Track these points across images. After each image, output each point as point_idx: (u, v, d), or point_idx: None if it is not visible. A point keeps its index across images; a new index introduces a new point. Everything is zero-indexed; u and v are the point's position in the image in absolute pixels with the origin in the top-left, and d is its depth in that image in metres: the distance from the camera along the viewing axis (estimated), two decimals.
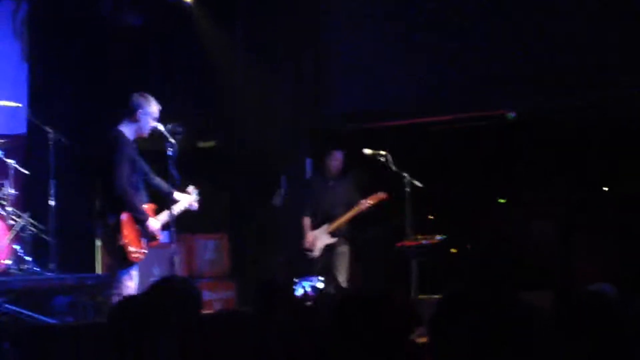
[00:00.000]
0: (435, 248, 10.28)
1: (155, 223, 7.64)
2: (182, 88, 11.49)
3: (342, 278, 9.78)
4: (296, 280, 8.99)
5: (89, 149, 9.08)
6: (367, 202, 9.78)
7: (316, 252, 9.86)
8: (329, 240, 9.90)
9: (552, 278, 10.09)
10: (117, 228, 7.42)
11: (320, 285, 9.12)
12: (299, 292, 8.87)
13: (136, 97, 7.71)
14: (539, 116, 10.27)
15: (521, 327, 3.02)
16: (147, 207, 7.69)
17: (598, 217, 10.74)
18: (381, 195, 9.79)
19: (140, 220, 7.52)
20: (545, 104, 10.01)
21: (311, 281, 9.08)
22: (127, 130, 7.66)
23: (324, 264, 9.81)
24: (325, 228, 9.90)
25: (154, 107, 7.72)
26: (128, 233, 7.44)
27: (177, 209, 7.85)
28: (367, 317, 3.05)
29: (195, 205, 8.07)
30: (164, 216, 7.76)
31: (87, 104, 10.85)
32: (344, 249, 9.91)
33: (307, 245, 9.87)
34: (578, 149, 10.62)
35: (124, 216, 7.44)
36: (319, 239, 9.89)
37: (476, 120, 10.62)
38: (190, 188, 8.05)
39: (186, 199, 7.95)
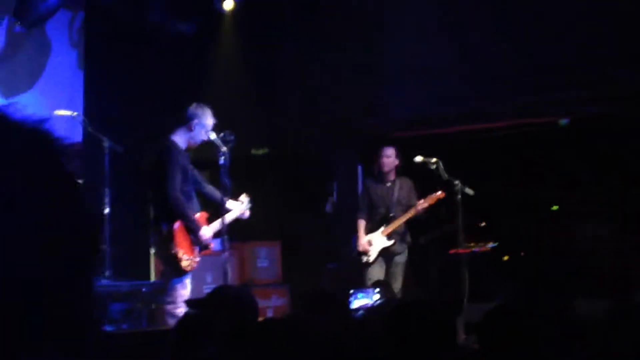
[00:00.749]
0: (487, 255, 10.27)
1: (207, 231, 7.69)
2: (235, 95, 11.56)
3: (398, 287, 9.48)
4: (351, 291, 8.76)
5: (143, 158, 9.18)
6: (424, 203, 9.49)
7: (371, 257, 9.57)
8: (385, 243, 9.60)
9: (608, 285, 9.99)
10: (169, 237, 7.49)
11: (376, 297, 8.84)
12: (355, 304, 8.58)
13: (193, 107, 7.78)
14: (592, 121, 10.18)
15: (573, 334, 3.02)
16: (199, 215, 7.75)
17: None
18: (439, 194, 9.47)
19: (192, 229, 7.58)
20: (599, 109, 9.93)
21: (366, 293, 8.82)
22: (180, 139, 7.73)
23: (380, 272, 9.51)
24: (381, 231, 9.63)
25: (209, 119, 7.78)
26: (180, 242, 7.50)
27: (229, 217, 7.89)
28: (420, 325, 3.07)
29: (247, 214, 8.12)
30: (216, 224, 7.81)
31: (142, 112, 10.98)
32: (402, 259, 9.65)
33: (361, 248, 9.59)
34: (633, 152, 10.51)
35: (177, 225, 7.50)
36: (375, 242, 9.59)
37: (529, 127, 10.56)
38: (243, 196, 8.10)
39: (238, 208, 8.00)
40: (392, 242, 9.58)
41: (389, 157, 9.64)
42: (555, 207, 11.73)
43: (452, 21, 10.71)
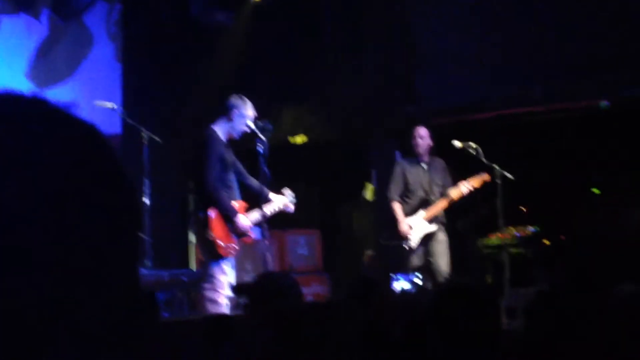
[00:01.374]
0: (528, 240, 10.20)
1: (244, 220, 7.71)
2: (275, 85, 11.58)
3: (444, 267, 9.09)
4: (392, 275, 8.67)
5: (183, 148, 9.23)
6: (469, 185, 9.19)
7: (413, 243, 9.15)
8: (429, 228, 9.20)
9: None
10: (205, 223, 7.55)
11: (418, 281, 8.73)
12: (397, 287, 8.50)
13: (234, 98, 7.82)
14: (632, 103, 10.07)
15: (616, 318, 2.99)
16: (238, 204, 7.78)
17: None
18: (485, 176, 9.18)
19: (228, 217, 7.61)
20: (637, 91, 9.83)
21: (408, 278, 8.75)
22: (220, 129, 7.77)
23: (422, 256, 9.14)
24: (421, 215, 9.22)
25: (249, 111, 7.80)
26: (216, 228, 7.55)
27: (269, 209, 7.91)
28: (465, 309, 3.06)
29: (291, 207, 8.12)
30: (256, 214, 7.84)
31: (180, 103, 11.04)
32: (442, 237, 9.25)
33: (403, 232, 9.15)
34: None
35: (212, 213, 7.55)
36: (416, 227, 9.17)
37: (569, 111, 10.47)
38: (286, 190, 8.10)
39: (280, 200, 8.00)
40: (435, 227, 9.23)
41: (423, 138, 9.29)
42: (596, 191, 11.63)
43: (487, 6, 10.65)
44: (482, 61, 10.59)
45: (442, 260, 9.19)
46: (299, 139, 11.99)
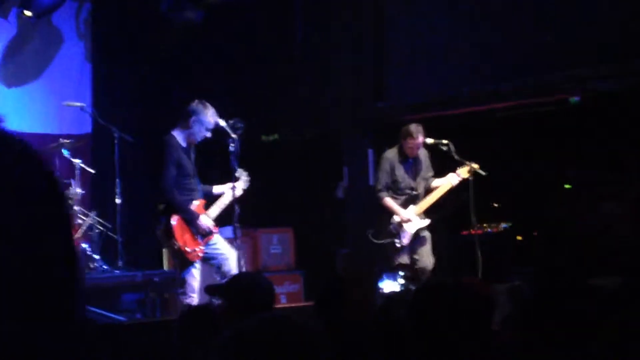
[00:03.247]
0: (500, 236, 10.23)
1: (205, 220, 7.68)
2: (246, 83, 11.54)
3: (430, 266, 8.98)
4: (378, 274, 8.50)
5: (151, 149, 9.19)
6: (459, 176, 9.09)
7: (406, 240, 9.03)
8: (422, 223, 9.07)
9: (622, 262, 9.93)
10: (169, 232, 7.53)
11: (402, 281, 8.54)
12: (382, 287, 8.31)
13: (195, 104, 7.76)
14: (603, 97, 10.10)
15: (588, 311, 2.99)
16: (197, 205, 7.76)
17: None
18: (474, 165, 9.09)
19: (189, 220, 7.59)
20: (609, 84, 9.86)
21: (393, 277, 8.60)
22: (180, 135, 7.74)
23: (408, 254, 9.03)
24: (413, 210, 9.10)
25: (210, 117, 7.75)
26: (181, 235, 7.54)
27: (225, 200, 7.87)
28: (444, 307, 2.97)
29: (244, 186, 7.99)
30: (215, 210, 7.83)
31: (150, 102, 10.97)
32: (428, 234, 9.19)
33: (402, 222, 8.97)
34: None
35: (174, 220, 7.53)
36: (410, 223, 9.03)
37: (539, 106, 10.49)
38: (240, 171, 8.00)
39: (228, 187, 7.93)
40: (428, 221, 9.11)
41: (420, 139, 9.07)
42: (568, 186, 11.67)
43: (456, 2, 10.66)
44: (452, 57, 10.60)
45: (428, 259, 9.13)
46: (271, 137, 11.95)
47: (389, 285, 8.12)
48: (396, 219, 9.07)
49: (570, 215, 11.20)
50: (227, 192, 7.91)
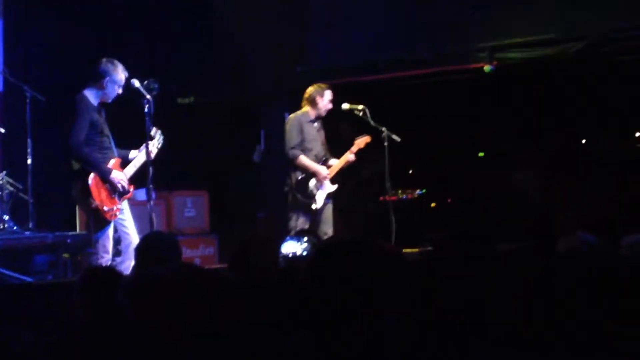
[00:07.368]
0: (415, 202, 10.32)
1: (119, 174, 7.58)
2: (161, 43, 11.39)
3: (330, 231, 8.99)
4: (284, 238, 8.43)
5: (64, 108, 9.02)
6: (354, 148, 9.15)
7: (319, 203, 9.02)
8: (332, 188, 9.08)
9: (534, 228, 10.10)
10: (86, 191, 7.41)
11: (305, 245, 8.52)
12: (287, 250, 8.26)
13: (104, 63, 7.63)
14: (517, 67, 10.23)
15: (501, 278, 3.02)
16: (113, 162, 7.66)
17: (578, 166, 10.79)
18: (366, 138, 9.18)
19: (104, 177, 7.49)
20: (525, 55, 9.99)
21: (298, 240, 8.51)
22: (91, 94, 7.61)
23: (304, 221, 8.98)
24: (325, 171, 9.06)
25: (120, 75, 7.65)
26: (98, 194, 7.43)
27: (139, 160, 7.78)
28: (345, 262, 2.94)
29: (158, 145, 7.92)
30: (130, 169, 7.74)
31: (63, 60, 10.75)
32: (330, 202, 9.17)
33: (323, 178, 8.94)
34: (557, 100, 10.64)
35: (91, 178, 7.42)
36: (323, 185, 9.04)
37: (454, 74, 10.58)
38: (154, 131, 7.90)
39: (141, 152, 7.84)
40: (336, 185, 9.12)
41: (330, 102, 9.12)
42: (481, 154, 11.83)
43: None
44: (371, 24, 10.62)
45: (329, 226, 9.11)
46: (187, 100, 11.85)
47: (292, 247, 8.09)
48: (313, 181, 9.04)
49: (483, 182, 11.36)
50: (143, 152, 7.82)
